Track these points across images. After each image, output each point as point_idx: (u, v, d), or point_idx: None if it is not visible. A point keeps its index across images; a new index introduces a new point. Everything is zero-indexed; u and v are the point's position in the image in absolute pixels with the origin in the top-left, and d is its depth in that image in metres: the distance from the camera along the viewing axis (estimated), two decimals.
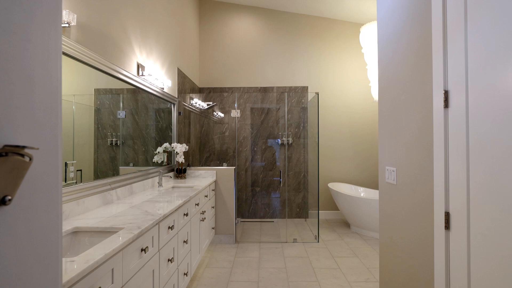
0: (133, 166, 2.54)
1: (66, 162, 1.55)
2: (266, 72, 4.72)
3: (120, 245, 1.14)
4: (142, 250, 1.38)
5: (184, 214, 2.12)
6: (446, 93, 1.26)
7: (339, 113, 4.68)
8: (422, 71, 1.45)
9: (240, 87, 4.70)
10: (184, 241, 2.11)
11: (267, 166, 4.69)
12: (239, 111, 4.65)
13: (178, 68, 3.59)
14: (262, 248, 3.36)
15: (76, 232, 1.36)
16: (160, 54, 2.99)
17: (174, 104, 3.45)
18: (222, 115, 4.69)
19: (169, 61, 3.30)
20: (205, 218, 2.81)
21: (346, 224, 4.31)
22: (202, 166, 4.61)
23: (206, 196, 2.99)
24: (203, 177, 3.48)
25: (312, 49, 4.70)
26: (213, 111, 4.70)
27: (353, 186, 4.43)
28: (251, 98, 4.69)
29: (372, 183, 4.63)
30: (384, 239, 1.87)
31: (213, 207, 3.39)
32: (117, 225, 1.40)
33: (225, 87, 4.72)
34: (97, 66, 1.81)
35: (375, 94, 3.93)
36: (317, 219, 3.69)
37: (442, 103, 1.27)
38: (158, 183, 2.75)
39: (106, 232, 1.36)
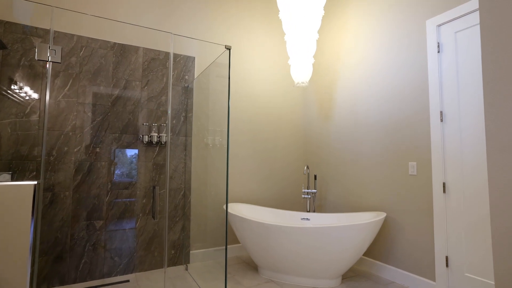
0: None
1: None
2: (126, 24, 2.79)
3: None
4: None
5: None
6: None
7: (236, 105, 3.32)
8: None
9: (73, 35, 2.54)
10: None
11: (119, 182, 2.66)
12: (59, 52, 2.45)
13: None
14: None
15: None
16: None
17: None
18: (27, 89, 2.34)
19: None
20: None
21: (251, 267, 2.88)
22: None
23: None
24: None
25: (215, 4, 3.18)
26: (9, 77, 2.28)
27: (261, 208, 3.10)
28: (96, 58, 2.60)
29: (282, 203, 3.47)
30: None
31: None
32: None
33: (36, 28, 2.42)
34: None
35: (296, 76, 2.83)
36: (199, 264, 2.09)
37: None
38: None
39: None
